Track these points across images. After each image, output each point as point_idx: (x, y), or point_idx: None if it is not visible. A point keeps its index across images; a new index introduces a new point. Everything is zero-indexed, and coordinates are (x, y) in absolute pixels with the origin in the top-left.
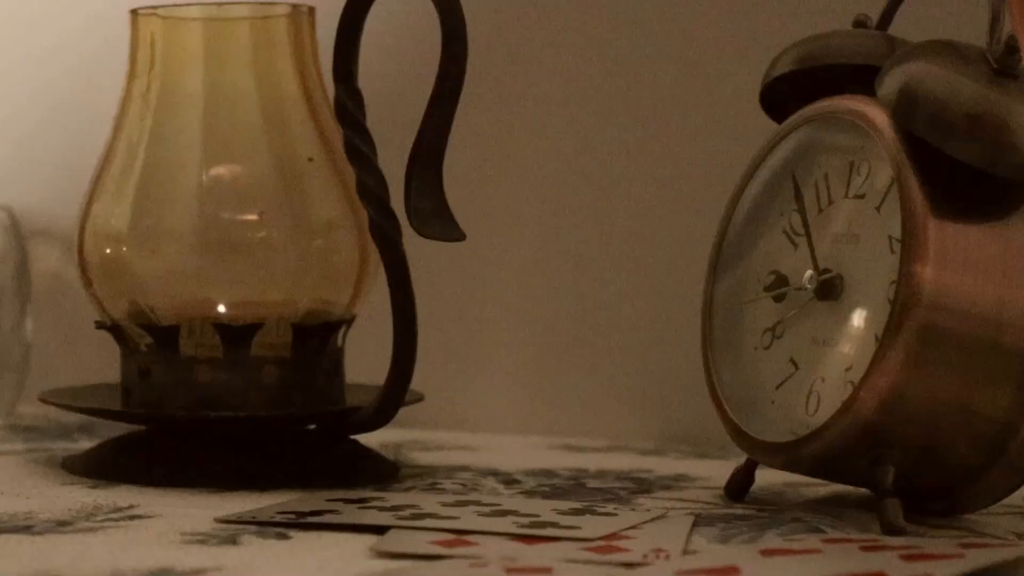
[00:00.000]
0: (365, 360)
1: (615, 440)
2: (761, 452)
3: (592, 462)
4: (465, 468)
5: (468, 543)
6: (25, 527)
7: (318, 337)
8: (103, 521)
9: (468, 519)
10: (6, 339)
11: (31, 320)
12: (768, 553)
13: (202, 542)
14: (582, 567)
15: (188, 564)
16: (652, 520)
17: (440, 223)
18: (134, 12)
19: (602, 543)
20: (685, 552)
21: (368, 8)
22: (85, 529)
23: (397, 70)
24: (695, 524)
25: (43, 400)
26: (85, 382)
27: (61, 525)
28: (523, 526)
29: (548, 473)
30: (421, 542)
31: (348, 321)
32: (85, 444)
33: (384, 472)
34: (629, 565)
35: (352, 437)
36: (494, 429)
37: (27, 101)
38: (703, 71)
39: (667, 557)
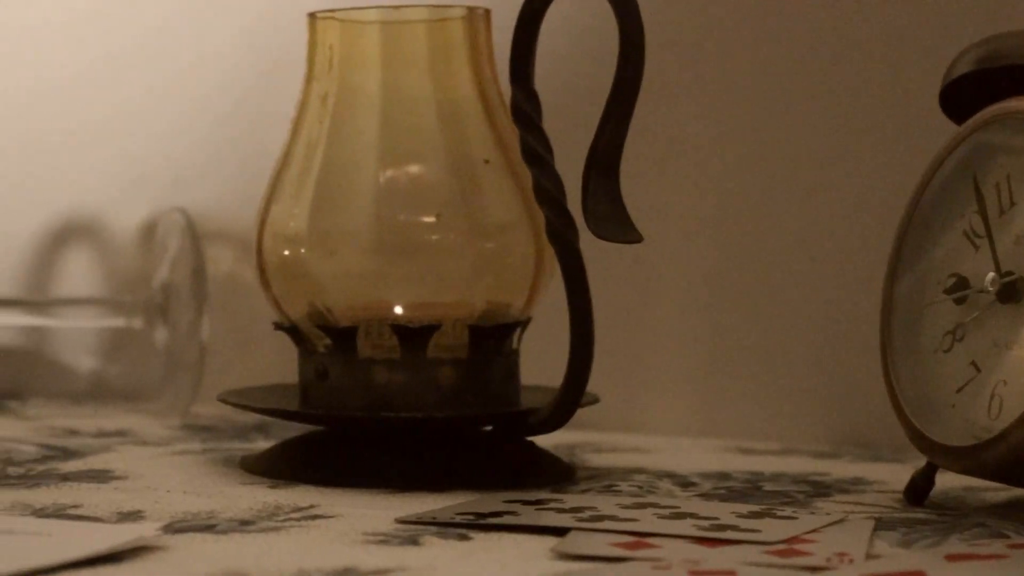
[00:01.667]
0: (539, 362)
1: (789, 443)
2: (942, 456)
3: (767, 465)
4: (640, 470)
5: (649, 545)
6: (208, 526)
7: (494, 338)
8: (284, 521)
9: (648, 521)
10: (183, 340)
11: (207, 321)
12: (953, 558)
13: (384, 542)
14: (765, 570)
15: (371, 564)
16: (832, 524)
17: (617, 225)
18: (312, 16)
19: (784, 546)
20: (868, 556)
21: (545, 9)
22: (268, 528)
23: (573, 71)
24: (876, 528)
25: (222, 401)
26: (258, 383)
27: (244, 524)
28: (703, 528)
29: (723, 476)
30: (602, 544)
31: (524, 323)
32: (261, 444)
33: (560, 474)
34: (812, 569)
35: (528, 439)
36: (667, 431)
37: (202, 104)
38: (882, 71)
39: (850, 561)
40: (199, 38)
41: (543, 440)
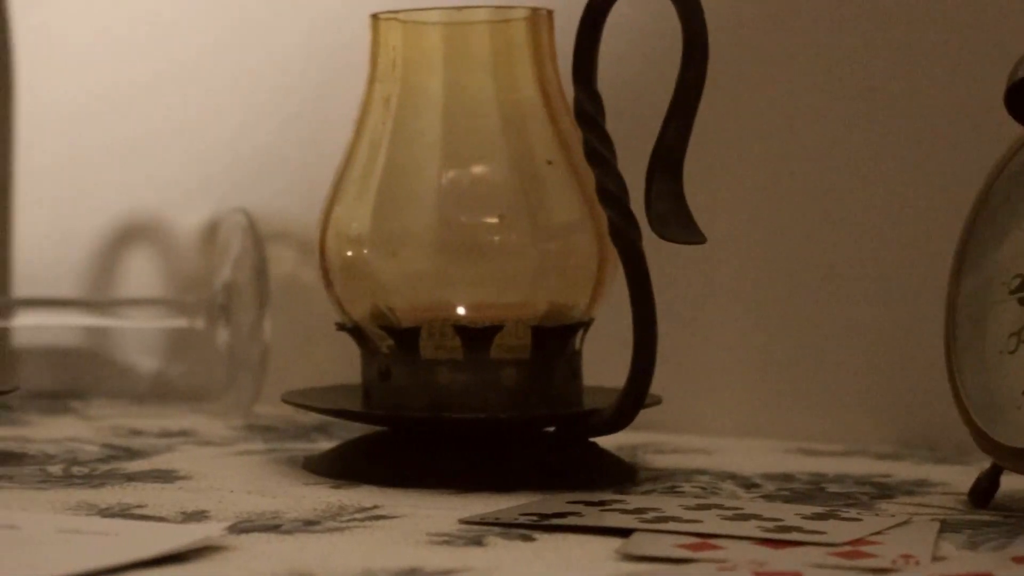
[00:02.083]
0: (600, 362)
1: (851, 444)
2: (1007, 458)
3: (830, 466)
4: (703, 471)
5: (714, 547)
6: (273, 526)
7: (557, 339)
8: (349, 521)
9: (712, 522)
10: (244, 340)
11: (269, 321)
12: (1020, 560)
13: (448, 543)
14: (831, 572)
15: (436, 564)
16: (897, 525)
17: (680, 226)
18: (375, 17)
19: (849, 548)
20: (934, 558)
21: (608, 10)
22: (332, 529)
23: (636, 71)
24: (941, 530)
25: (286, 401)
26: (319, 383)
27: (308, 525)
28: (768, 530)
29: (786, 477)
30: (667, 545)
31: (586, 323)
32: (323, 444)
33: (623, 474)
34: (878, 571)
35: (591, 439)
36: (728, 432)
37: (265, 106)
38: (946, 71)
39: (916, 563)
40: (261, 41)
41: (605, 441)
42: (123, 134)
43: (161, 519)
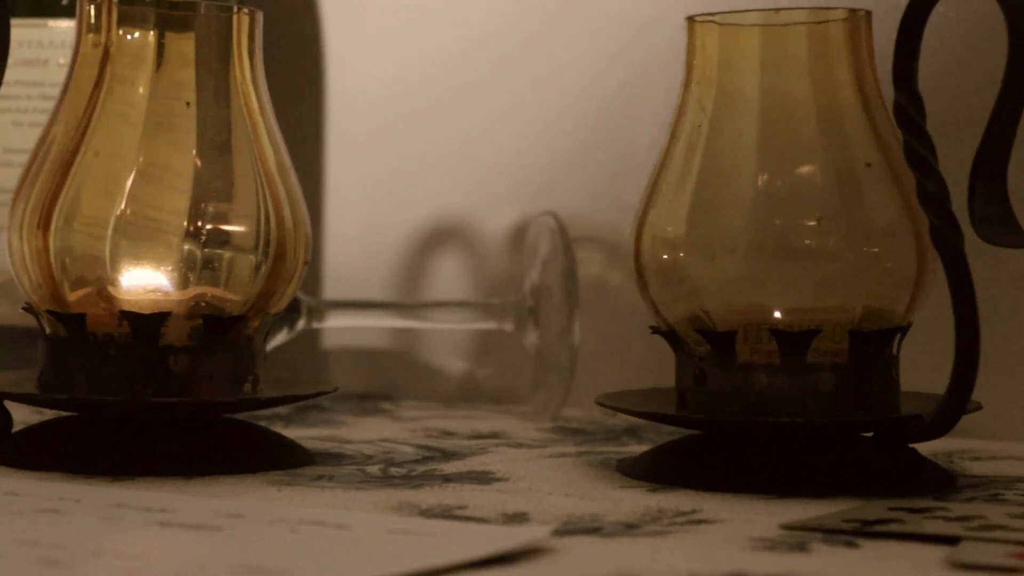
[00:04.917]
0: (915, 367)
1: None
2: None
3: None
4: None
5: None
6: (594, 529)
7: (875, 344)
8: (669, 525)
9: None
10: (553, 343)
11: (578, 324)
12: None
13: (770, 548)
14: None
15: (761, 569)
16: None
17: (1005, 229)
18: (691, 19)
19: None
20: None
21: (930, 11)
22: (653, 532)
23: (957, 72)
24: None
25: (600, 404)
26: (624, 387)
27: (629, 528)
28: None
29: None
30: (998, 554)
31: (904, 328)
32: (633, 448)
33: (942, 481)
34: None
35: (910, 445)
36: None
37: (571, 109)
38: None
39: None
40: (567, 45)
41: (920, 446)
42: (432, 139)
43: (483, 520)
